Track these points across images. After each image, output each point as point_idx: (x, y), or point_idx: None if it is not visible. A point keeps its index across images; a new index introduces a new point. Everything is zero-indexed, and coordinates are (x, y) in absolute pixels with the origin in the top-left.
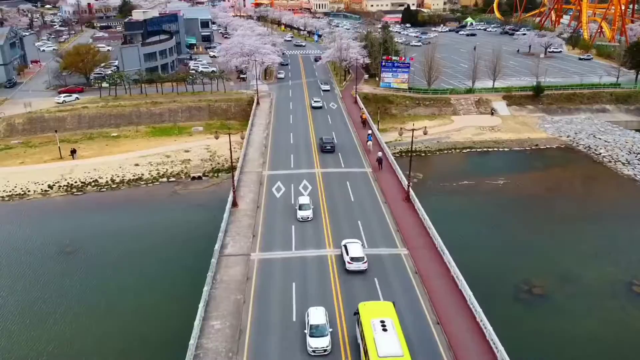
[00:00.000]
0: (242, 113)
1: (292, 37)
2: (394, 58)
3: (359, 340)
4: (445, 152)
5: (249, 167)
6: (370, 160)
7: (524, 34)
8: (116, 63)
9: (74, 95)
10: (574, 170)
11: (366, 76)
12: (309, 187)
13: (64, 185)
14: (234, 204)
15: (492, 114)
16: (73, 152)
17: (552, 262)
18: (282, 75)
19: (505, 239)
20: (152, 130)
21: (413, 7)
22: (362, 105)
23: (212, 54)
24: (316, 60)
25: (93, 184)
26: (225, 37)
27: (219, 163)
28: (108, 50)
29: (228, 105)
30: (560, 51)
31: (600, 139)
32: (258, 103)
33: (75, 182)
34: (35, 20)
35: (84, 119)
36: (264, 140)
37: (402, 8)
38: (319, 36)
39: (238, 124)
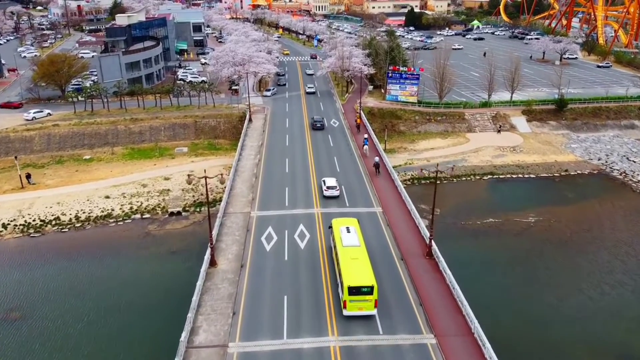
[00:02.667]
0: (233, 130)
1: (279, 36)
2: (401, 68)
3: (332, 244)
4: (464, 178)
5: (234, 206)
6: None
7: (537, 39)
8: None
9: (46, 111)
10: (613, 204)
11: (370, 87)
12: (307, 235)
13: (21, 225)
14: (212, 262)
15: (499, 131)
16: (28, 177)
17: (612, 337)
18: (268, 94)
19: (550, 303)
20: (129, 152)
21: (417, 10)
22: (367, 124)
23: (203, 60)
24: (312, 57)
25: (54, 222)
26: (220, 42)
27: (202, 194)
28: (93, 56)
29: (217, 122)
30: (576, 57)
31: (634, 162)
32: (250, 120)
33: (34, 219)
34: (23, 22)
35: (54, 139)
36: (254, 167)
37: (404, 10)
38: (319, 41)
39: (228, 143)
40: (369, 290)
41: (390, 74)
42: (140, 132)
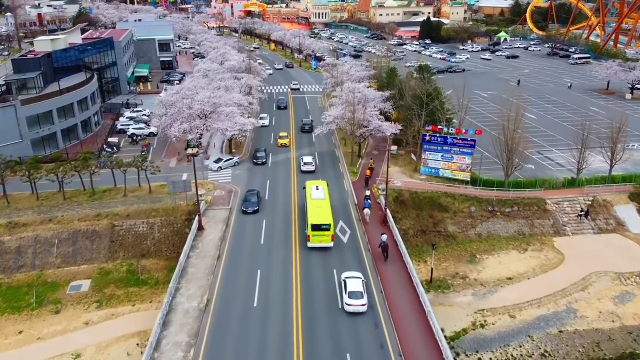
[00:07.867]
0: (174, 240)
1: (259, 47)
2: (445, 130)
3: (304, 200)
4: None
5: None
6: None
7: (586, 58)
8: None
9: None
10: None
11: (394, 149)
12: None
13: None
14: None
15: (580, 215)
16: None
17: None
18: (214, 167)
19: None
20: None
21: (433, 19)
22: (393, 224)
23: (163, 94)
24: (288, 66)
25: None
26: (197, 58)
27: None
28: None
29: (148, 225)
30: None
31: None
32: (200, 227)
33: None
34: None
35: None
36: None
37: (416, 17)
38: (318, 60)
39: (161, 268)
40: (327, 227)
41: (427, 137)
42: (19, 249)
